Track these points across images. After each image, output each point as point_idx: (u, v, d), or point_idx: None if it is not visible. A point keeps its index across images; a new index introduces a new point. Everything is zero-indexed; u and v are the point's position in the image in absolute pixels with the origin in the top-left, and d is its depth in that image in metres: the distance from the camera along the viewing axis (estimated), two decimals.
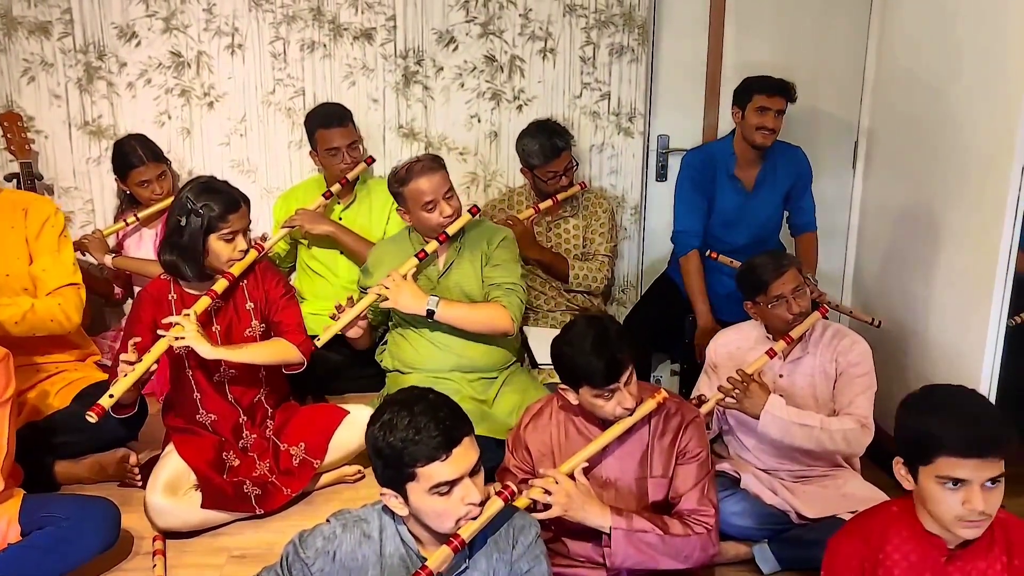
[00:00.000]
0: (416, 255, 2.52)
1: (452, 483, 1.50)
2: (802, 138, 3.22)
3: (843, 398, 2.35)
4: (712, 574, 2.19)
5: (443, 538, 1.57)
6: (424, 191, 2.48)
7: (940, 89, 2.73)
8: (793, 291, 2.33)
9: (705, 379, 2.54)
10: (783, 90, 2.95)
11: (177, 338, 2.18)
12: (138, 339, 2.19)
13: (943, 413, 1.52)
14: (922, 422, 1.53)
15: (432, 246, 2.53)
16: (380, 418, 1.53)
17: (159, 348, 2.17)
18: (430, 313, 2.47)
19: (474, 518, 1.55)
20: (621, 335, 1.87)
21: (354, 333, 2.50)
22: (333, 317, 2.46)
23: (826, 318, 2.45)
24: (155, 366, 2.18)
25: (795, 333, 2.34)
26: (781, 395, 2.31)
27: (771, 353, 2.34)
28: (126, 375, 2.12)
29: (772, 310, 2.35)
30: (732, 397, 2.27)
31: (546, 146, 3.01)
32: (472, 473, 1.53)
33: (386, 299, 2.46)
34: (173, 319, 2.22)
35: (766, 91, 2.94)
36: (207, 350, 2.21)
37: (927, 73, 2.83)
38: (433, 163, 2.52)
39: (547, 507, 1.84)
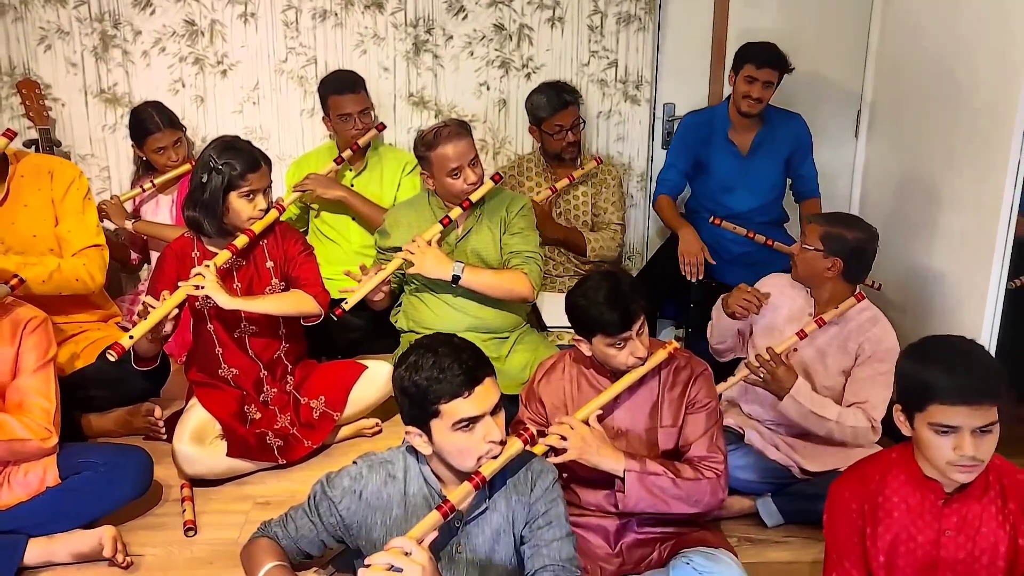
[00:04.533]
0: (440, 221, 2.56)
1: (474, 420, 1.56)
2: (805, 107, 3.26)
3: (860, 390, 2.32)
4: (717, 527, 2.23)
5: (464, 477, 1.62)
6: (450, 157, 2.52)
7: (943, 56, 2.76)
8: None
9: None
10: (772, 62, 2.97)
11: (197, 287, 2.24)
12: (168, 291, 2.25)
13: (937, 362, 1.57)
14: (918, 371, 1.59)
15: (456, 212, 2.57)
16: (406, 360, 1.59)
17: (179, 294, 2.23)
18: (455, 279, 2.52)
19: (495, 457, 1.60)
20: (633, 287, 1.92)
21: (377, 297, 2.56)
22: (359, 280, 2.51)
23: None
24: (176, 311, 2.23)
25: (828, 317, 2.33)
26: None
27: (801, 334, 2.33)
28: (145, 317, 2.18)
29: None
30: (758, 376, 2.28)
31: (553, 98, 3.07)
32: (493, 412, 1.59)
33: (411, 264, 2.51)
34: (195, 270, 2.28)
35: (755, 62, 2.97)
36: (225, 300, 2.27)
37: (931, 40, 2.86)
38: (460, 129, 2.55)
39: (563, 453, 1.89)
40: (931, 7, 2.87)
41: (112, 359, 2.13)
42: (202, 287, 2.25)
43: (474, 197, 2.58)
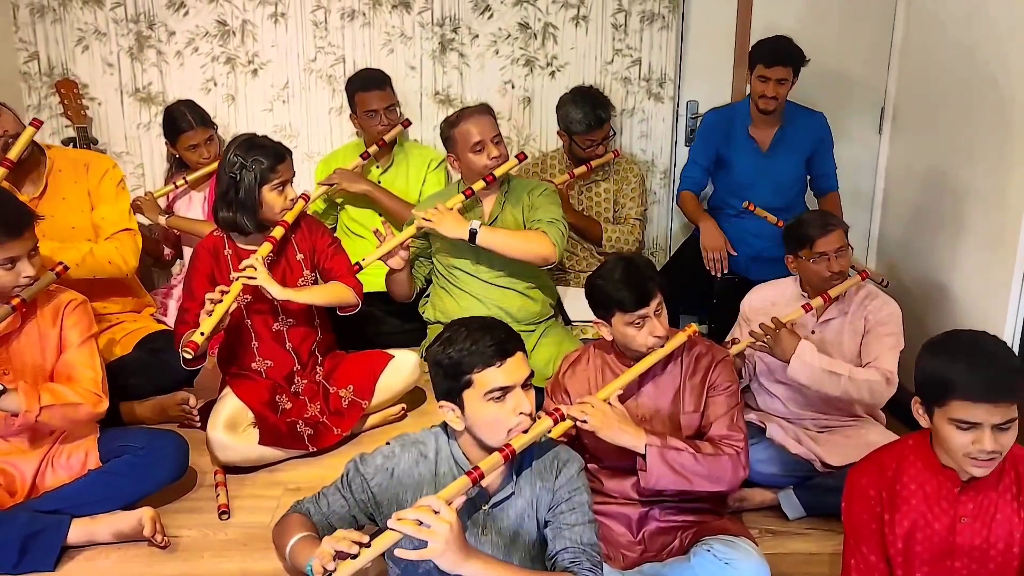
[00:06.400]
0: (463, 192, 2.62)
1: (505, 390, 1.60)
2: (828, 104, 3.27)
3: (870, 353, 2.40)
4: (740, 519, 2.26)
5: None
6: (473, 132, 2.58)
7: (968, 51, 2.77)
8: (836, 251, 2.38)
9: (737, 331, 2.61)
10: (782, 59, 2.96)
11: (249, 278, 2.32)
12: (224, 286, 2.32)
13: (959, 358, 1.56)
14: (939, 365, 1.58)
15: (479, 185, 2.62)
16: (441, 337, 1.65)
17: (236, 288, 2.31)
18: (472, 236, 2.53)
19: (525, 431, 1.63)
20: (650, 267, 1.98)
21: (395, 263, 2.60)
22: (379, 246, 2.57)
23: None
24: (235, 305, 2.31)
25: (834, 292, 2.38)
26: None
27: (807, 307, 2.38)
28: (211, 314, 2.25)
29: (813, 265, 2.40)
30: (763, 342, 2.32)
31: (590, 116, 3.09)
32: (524, 385, 1.63)
33: (429, 220, 2.53)
34: (244, 263, 2.36)
35: (764, 61, 2.97)
36: (278, 290, 2.36)
37: (955, 36, 2.87)
38: (483, 108, 2.63)
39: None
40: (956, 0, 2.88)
41: (189, 356, 2.23)
42: (254, 278, 2.33)
43: (498, 172, 2.61)
